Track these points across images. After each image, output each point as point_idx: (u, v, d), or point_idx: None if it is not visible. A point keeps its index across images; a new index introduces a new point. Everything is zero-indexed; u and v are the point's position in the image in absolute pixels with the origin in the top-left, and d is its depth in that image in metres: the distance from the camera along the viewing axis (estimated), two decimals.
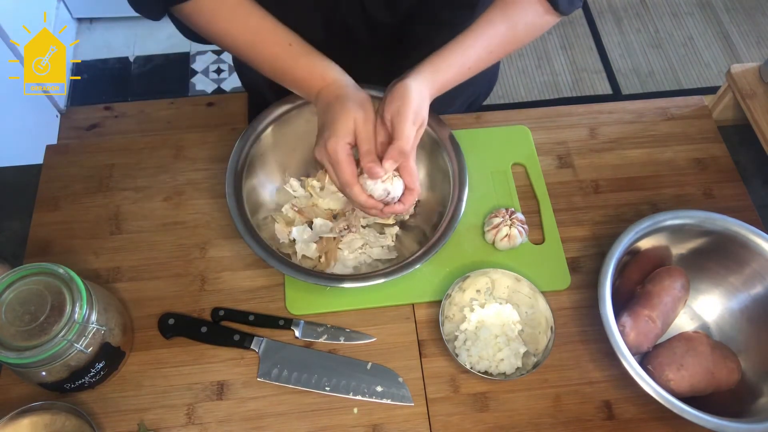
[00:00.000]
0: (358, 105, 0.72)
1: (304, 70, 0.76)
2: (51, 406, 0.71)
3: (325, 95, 0.75)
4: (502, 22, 0.76)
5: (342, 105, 0.72)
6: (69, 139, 1.98)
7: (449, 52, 0.76)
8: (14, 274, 0.69)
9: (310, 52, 0.77)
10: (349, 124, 0.71)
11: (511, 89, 2.16)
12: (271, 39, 0.76)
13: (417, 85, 0.73)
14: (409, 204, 0.76)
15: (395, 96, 0.72)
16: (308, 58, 0.76)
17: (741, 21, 2.32)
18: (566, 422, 0.76)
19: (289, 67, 0.77)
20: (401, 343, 0.81)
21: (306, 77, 0.76)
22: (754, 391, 0.76)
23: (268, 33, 0.76)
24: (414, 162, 0.74)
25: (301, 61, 0.76)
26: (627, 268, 0.83)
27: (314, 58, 0.76)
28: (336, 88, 0.75)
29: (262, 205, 0.86)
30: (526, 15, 0.76)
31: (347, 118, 0.71)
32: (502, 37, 0.77)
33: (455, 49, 0.76)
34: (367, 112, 0.72)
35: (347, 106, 0.72)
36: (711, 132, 0.99)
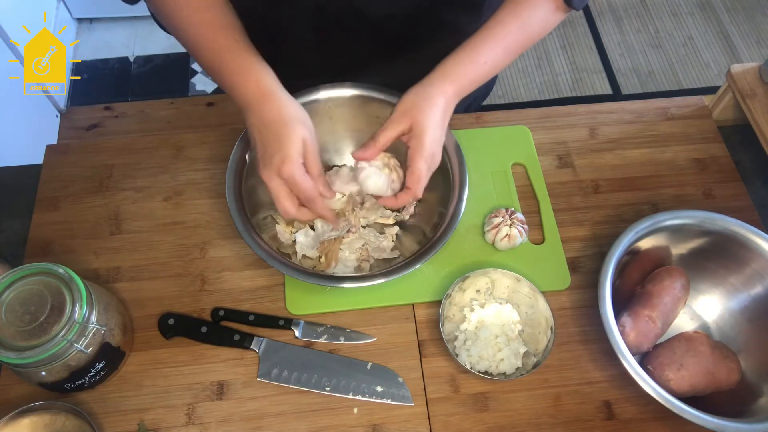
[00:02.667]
0: (302, 124, 0.71)
1: (241, 67, 0.73)
2: (51, 406, 0.71)
3: (263, 112, 0.72)
4: (514, 20, 0.76)
5: (287, 126, 0.70)
6: (69, 139, 1.98)
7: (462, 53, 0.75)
8: (14, 274, 0.69)
9: (254, 54, 0.74)
10: (299, 144, 0.70)
11: (511, 89, 2.16)
12: (221, 31, 0.74)
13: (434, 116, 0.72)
14: (402, 201, 0.75)
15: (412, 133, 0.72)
16: (250, 57, 0.74)
17: (741, 21, 2.32)
18: (566, 422, 0.76)
19: (229, 60, 0.74)
20: (401, 343, 0.81)
21: (242, 73, 0.73)
22: (754, 391, 0.76)
23: (217, 27, 0.74)
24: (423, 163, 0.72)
25: (243, 57, 0.74)
26: (627, 268, 0.83)
27: (255, 60, 0.74)
28: (274, 102, 0.72)
29: (262, 205, 0.86)
30: (538, 12, 0.76)
31: (295, 139, 0.70)
32: (516, 34, 0.76)
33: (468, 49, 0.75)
34: (310, 132, 0.72)
35: (293, 127, 0.70)
36: (711, 132, 0.99)
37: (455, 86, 0.75)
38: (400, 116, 0.73)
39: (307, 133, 0.71)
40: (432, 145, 0.73)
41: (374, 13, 0.80)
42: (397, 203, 0.76)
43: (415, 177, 0.72)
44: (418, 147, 0.72)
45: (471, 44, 0.76)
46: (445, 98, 0.74)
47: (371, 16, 0.81)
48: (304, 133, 0.70)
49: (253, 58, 0.74)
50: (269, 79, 0.73)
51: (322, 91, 0.86)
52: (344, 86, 0.86)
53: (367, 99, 0.86)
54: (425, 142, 0.72)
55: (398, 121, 0.73)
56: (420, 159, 0.72)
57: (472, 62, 0.75)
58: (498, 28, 0.76)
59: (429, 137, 0.72)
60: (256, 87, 0.73)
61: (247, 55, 0.74)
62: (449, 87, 0.74)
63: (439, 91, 0.74)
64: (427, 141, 0.72)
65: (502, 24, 0.76)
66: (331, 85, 0.86)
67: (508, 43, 0.76)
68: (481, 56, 0.75)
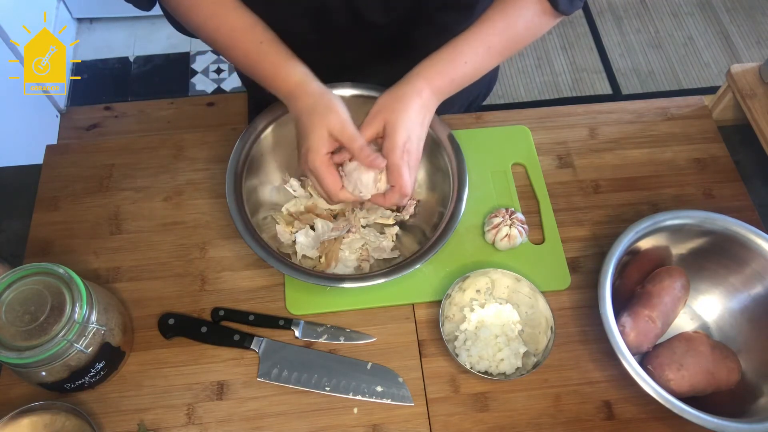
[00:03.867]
0: (328, 111, 0.72)
1: (270, 69, 0.76)
2: (51, 406, 0.71)
3: (294, 105, 0.75)
4: (500, 20, 0.76)
5: (311, 116, 0.72)
6: (69, 139, 1.98)
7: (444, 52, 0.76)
8: (14, 274, 0.69)
9: (279, 52, 0.76)
10: (323, 134, 0.71)
11: (511, 89, 2.16)
12: (244, 36, 0.76)
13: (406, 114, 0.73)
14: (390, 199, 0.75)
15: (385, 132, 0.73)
16: (276, 57, 0.76)
17: (741, 21, 2.32)
18: (566, 422, 0.76)
19: (257, 66, 0.77)
20: (401, 343, 0.81)
21: (271, 76, 0.76)
22: (754, 391, 0.76)
23: (243, 30, 0.76)
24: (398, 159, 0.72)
25: (269, 59, 0.76)
26: (627, 268, 0.83)
27: (281, 59, 0.76)
28: (302, 94, 0.74)
29: (262, 205, 0.86)
30: (524, 13, 0.76)
31: (321, 129, 0.71)
32: (500, 34, 0.76)
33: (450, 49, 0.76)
34: (339, 115, 0.72)
35: (317, 116, 0.72)
36: (711, 132, 0.99)
37: (431, 85, 0.75)
38: (372, 118, 0.74)
39: (333, 118, 0.72)
40: (408, 142, 0.72)
41: (372, 15, 0.80)
42: (386, 202, 0.76)
43: (395, 174, 0.72)
44: (389, 145, 0.72)
45: (452, 44, 0.76)
46: (420, 97, 0.74)
47: (370, 18, 0.81)
48: (330, 121, 0.71)
49: (278, 58, 0.76)
50: (296, 72, 0.75)
51: None
52: (344, 86, 0.86)
53: (367, 99, 0.86)
54: (397, 140, 0.72)
55: (371, 123, 0.74)
56: (394, 156, 0.72)
57: (451, 61, 0.75)
58: (482, 28, 0.76)
59: (400, 134, 0.72)
60: (284, 84, 0.76)
61: (273, 57, 0.76)
62: (424, 85, 0.74)
63: (412, 89, 0.74)
64: (398, 138, 0.72)
65: (487, 24, 0.76)
66: (331, 85, 0.86)
67: (491, 44, 0.76)
68: (461, 56, 0.75)
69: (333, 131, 0.72)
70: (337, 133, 0.72)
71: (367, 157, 0.71)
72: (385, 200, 0.76)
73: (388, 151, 0.72)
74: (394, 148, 0.72)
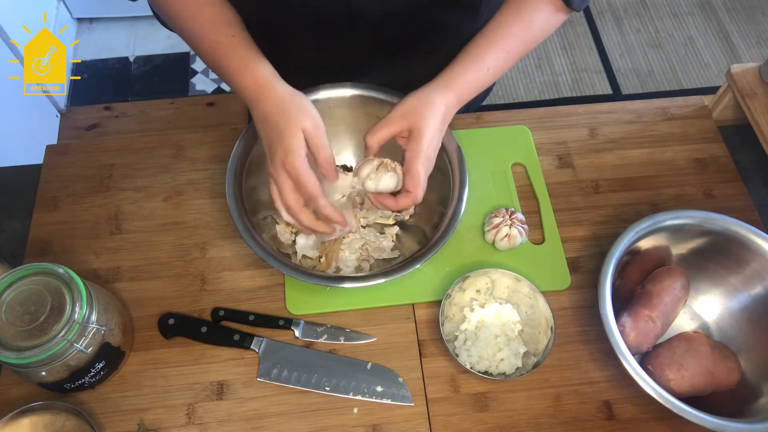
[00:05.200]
0: (303, 113, 0.71)
1: (237, 63, 0.74)
2: (51, 406, 0.71)
3: (262, 106, 0.72)
4: (517, 23, 0.76)
5: (287, 117, 0.70)
6: (69, 139, 1.98)
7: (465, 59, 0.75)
8: (14, 274, 0.69)
9: (249, 48, 0.74)
10: (300, 135, 0.69)
11: (511, 89, 2.16)
12: (217, 29, 0.74)
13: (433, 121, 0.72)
14: (402, 204, 0.74)
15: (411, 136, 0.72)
16: (244, 52, 0.74)
17: (741, 21, 2.32)
18: (566, 422, 0.76)
19: (224, 58, 0.74)
20: (401, 343, 0.81)
21: (237, 70, 0.74)
22: (754, 391, 0.76)
23: (216, 23, 0.74)
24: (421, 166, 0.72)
25: (238, 53, 0.74)
26: (627, 268, 0.83)
27: (250, 54, 0.74)
28: (270, 94, 0.72)
29: (262, 205, 0.86)
30: (539, 14, 0.76)
31: (296, 130, 0.69)
32: (518, 37, 0.76)
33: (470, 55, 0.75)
34: (313, 118, 0.71)
35: (293, 117, 0.70)
36: (711, 132, 0.99)
37: (457, 94, 0.75)
38: (398, 117, 0.73)
39: (307, 120, 0.70)
40: (429, 149, 0.72)
41: (371, 13, 0.80)
42: (398, 206, 0.75)
43: (414, 181, 0.72)
44: (416, 151, 0.72)
45: (474, 50, 0.76)
46: (446, 105, 0.74)
47: (368, 16, 0.80)
48: (304, 122, 0.70)
49: (248, 53, 0.74)
50: (264, 72, 0.73)
51: (322, 91, 0.86)
52: (344, 86, 0.86)
53: (367, 99, 0.86)
54: (423, 147, 0.71)
55: (395, 122, 0.73)
56: (418, 162, 0.71)
57: (476, 69, 0.75)
58: (500, 32, 0.76)
59: (426, 142, 0.72)
60: (252, 81, 0.73)
61: (242, 51, 0.74)
62: (451, 95, 0.74)
63: (441, 98, 0.74)
64: (424, 145, 0.72)
65: (504, 27, 0.76)
66: (331, 85, 0.86)
67: (510, 48, 0.76)
68: (484, 62, 0.75)
69: (307, 133, 0.70)
70: (309, 136, 0.70)
71: (329, 170, 0.71)
72: (397, 204, 0.74)
73: (412, 156, 0.72)
74: (419, 155, 0.71)
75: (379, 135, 0.73)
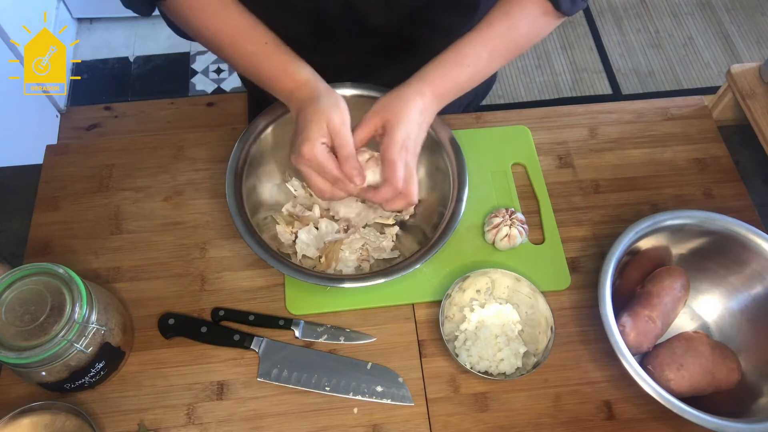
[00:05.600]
0: (332, 106, 0.71)
1: (275, 69, 0.75)
2: (51, 406, 0.71)
3: (297, 98, 0.74)
4: (503, 23, 0.75)
5: (314, 108, 0.71)
6: (69, 139, 1.98)
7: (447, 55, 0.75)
8: (14, 274, 0.69)
9: (284, 52, 0.76)
10: (322, 126, 0.70)
11: (511, 89, 2.16)
12: (247, 37, 0.75)
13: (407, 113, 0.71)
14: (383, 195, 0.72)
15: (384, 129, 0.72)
16: (281, 57, 0.75)
17: (741, 21, 2.32)
18: (566, 422, 0.76)
19: (262, 65, 0.76)
20: (401, 343, 0.81)
21: (277, 76, 0.76)
22: (754, 391, 0.76)
23: (245, 31, 0.75)
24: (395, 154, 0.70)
25: (274, 59, 0.75)
26: (627, 268, 0.83)
27: (287, 58, 0.76)
28: (308, 90, 0.73)
29: (262, 205, 0.86)
30: (527, 15, 0.76)
31: (320, 120, 0.70)
32: (503, 36, 0.76)
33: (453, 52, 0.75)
34: (342, 114, 0.71)
35: (320, 108, 0.71)
36: (711, 132, 0.99)
37: (434, 88, 0.74)
38: (372, 115, 0.73)
39: (335, 115, 0.70)
40: (407, 140, 0.71)
41: (372, 16, 0.80)
42: (379, 197, 0.72)
43: (390, 169, 0.70)
44: (388, 141, 0.71)
45: (456, 47, 0.75)
46: (422, 99, 0.73)
47: (369, 19, 0.80)
48: (331, 116, 0.70)
49: (284, 57, 0.75)
50: (303, 71, 0.75)
51: None
52: (344, 86, 0.86)
53: (367, 99, 0.86)
54: (395, 136, 0.71)
55: (369, 120, 0.73)
56: (390, 151, 0.70)
57: (455, 65, 0.75)
58: (485, 31, 0.76)
59: (400, 133, 0.71)
60: (291, 81, 0.75)
61: (278, 56, 0.75)
62: (427, 88, 0.74)
63: (415, 92, 0.73)
64: (397, 135, 0.71)
65: (490, 27, 0.76)
66: (331, 85, 0.86)
67: (494, 47, 0.76)
68: (465, 59, 0.75)
69: (331, 127, 0.70)
70: (334, 131, 0.70)
71: (351, 169, 0.70)
72: (376, 195, 0.73)
73: (386, 146, 0.71)
74: (392, 144, 0.71)
75: (356, 137, 0.72)
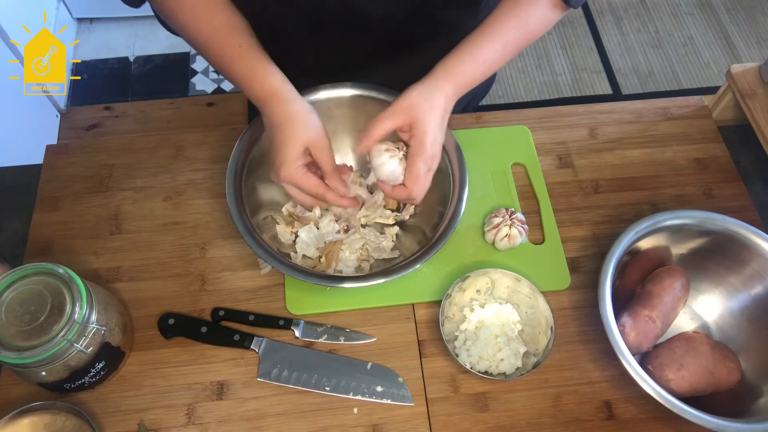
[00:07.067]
0: (307, 127, 0.72)
1: (246, 74, 0.75)
2: (51, 406, 0.71)
3: (269, 114, 0.74)
4: (514, 17, 0.76)
5: (287, 128, 0.72)
6: (69, 139, 1.98)
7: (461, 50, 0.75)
8: (14, 274, 0.69)
9: (256, 58, 0.75)
10: (299, 148, 0.71)
11: (511, 89, 2.15)
12: (223, 39, 0.75)
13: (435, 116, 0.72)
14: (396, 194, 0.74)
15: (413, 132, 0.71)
16: (253, 62, 0.75)
17: (741, 21, 2.32)
18: (566, 422, 0.76)
19: (234, 68, 0.76)
20: (401, 343, 0.81)
21: (246, 81, 0.75)
22: (754, 391, 0.76)
23: (223, 32, 0.75)
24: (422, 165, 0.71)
25: (246, 64, 0.75)
26: (627, 268, 0.83)
27: (258, 65, 0.75)
28: (278, 103, 0.73)
29: (262, 205, 0.86)
30: (536, 9, 0.76)
31: (296, 143, 0.71)
32: (515, 30, 0.76)
33: (467, 46, 0.75)
34: (317, 132, 0.72)
35: (295, 131, 0.72)
36: (711, 132, 0.99)
37: (455, 85, 0.75)
38: (400, 110, 0.72)
39: (310, 133, 0.71)
40: (433, 146, 0.72)
41: (372, 13, 0.80)
42: (392, 194, 0.74)
43: (413, 177, 0.72)
44: (419, 148, 0.71)
45: (471, 42, 0.76)
46: (445, 98, 0.74)
47: (369, 16, 0.80)
48: (306, 135, 0.71)
49: (256, 62, 0.75)
50: (272, 80, 0.74)
51: (322, 91, 0.86)
52: (344, 86, 0.86)
53: (367, 99, 0.86)
54: (426, 144, 0.71)
55: (398, 115, 0.72)
56: (420, 160, 0.71)
57: (472, 61, 0.75)
58: (497, 26, 0.76)
59: (430, 138, 0.72)
60: (260, 90, 0.74)
61: (250, 60, 0.75)
62: (449, 86, 0.74)
63: (440, 91, 0.73)
64: (428, 142, 0.71)
65: (502, 21, 0.76)
66: (331, 85, 0.86)
67: (507, 41, 0.76)
68: (480, 55, 0.75)
69: (312, 148, 0.72)
70: (315, 151, 0.72)
71: (336, 184, 0.72)
72: (392, 192, 0.74)
73: (415, 152, 0.72)
74: (422, 152, 0.71)
75: (381, 128, 0.72)
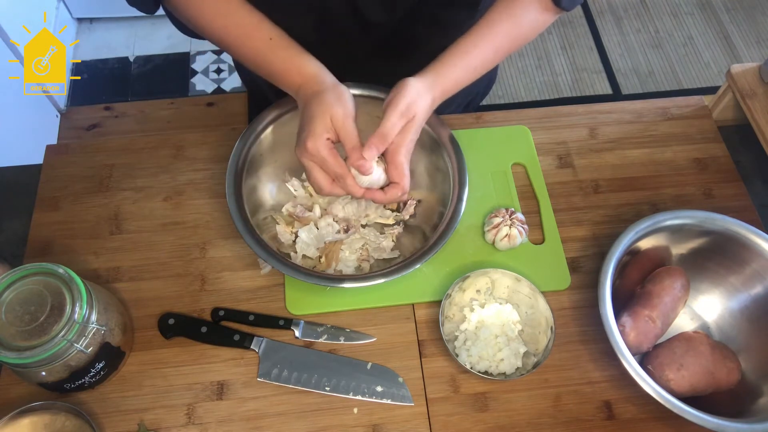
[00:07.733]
0: (336, 100, 0.72)
1: (282, 64, 0.76)
2: (51, 406, 0.71)
3: (304, 93, 0.75)
4: (506, 20, 0.76)
5: (319, 102, 0.72)
6: (69, 139, 1.98)
7: (453, 55, 0.76)
8: (14, 274, 0.69)
9: (290, 47, 0.76)
10: (326, 121, 0.71)
11: (511, 89, 2.16)
12: (252, 34, 0.76)
13: (417, 83, 0.73)
14: (391, 196, 0.75)
15: (393, 90, 0.73)
16: (287, 52, 0.76)
17: (741, 21, 2.32)
18: (566, 422, 0.76)
19: (268, 61, 0.77)
20: (401, 343, 0.81)
21: (283, 71, 0.76)
22: (754, 391, 0.76)
23: (251, 27, 0.76)
24: (403, 157, 0.73)
25: (280, 54, 0.76)
26: (627, 268, 0.83)
27: (293, 53, 0.76)
28: (314, 84, 0.74)
29: (262, 205, 0.86)
30: (528, 12, 0.76)
31: (324, 115, 0.71)
32: (506, 35, 0.77)
33: (459, 52, 0.76)
34: (345, 108, 0.72)
35: (324, 103, 0.72)
36: (711, 132, 0.99)
37: (443, 90, 0.76)
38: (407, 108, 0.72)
39: (338, 109, 0.71)
40: (411, 143, 0.74)
41: (373, 13, 0.80)
42: (386, 198, 0.75)
43: (399, 171, 0.73)
44: (400, 143, 0.73)
45: (461, 46, 0.76)
46: (432, 99, 0.75)
47: (370, 16, 0.81)
48: (335, 110, 0.71)
49: (289, 51, 0.76)
50: (309, 65, 0.76)
51: None
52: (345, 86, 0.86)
53: (367, 99, 0.86)
54: (408, 140, 0.73)
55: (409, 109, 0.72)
56: (400, 154, 0.73)
57: (464, 66, 0.76)
58: (489, 29, 0.76)
59: (412, 135, 0.73)
60: (298, 75, 0.75)
61: (284, 50, 0.76)
62: (438, 90, 0.75)
63: (430, 93, 0.74)
64: (409, 139, 0.73)
65: (494, 25, 0.76)
66: None
67: (498, 45, 0.77)
68: (472, 59, 0.76)
69: (335, 121, 0.71)
70: (338, 124, 0.71)
71: (357, 159, 0.71)
72: (385, 196, 0.75)
73: (396, 148, 0.72)
74: (402, 147, 0.72)
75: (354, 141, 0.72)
